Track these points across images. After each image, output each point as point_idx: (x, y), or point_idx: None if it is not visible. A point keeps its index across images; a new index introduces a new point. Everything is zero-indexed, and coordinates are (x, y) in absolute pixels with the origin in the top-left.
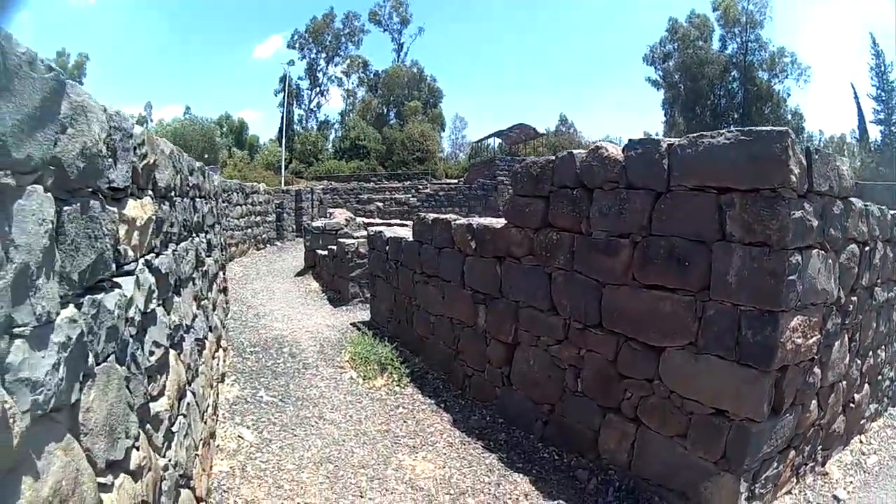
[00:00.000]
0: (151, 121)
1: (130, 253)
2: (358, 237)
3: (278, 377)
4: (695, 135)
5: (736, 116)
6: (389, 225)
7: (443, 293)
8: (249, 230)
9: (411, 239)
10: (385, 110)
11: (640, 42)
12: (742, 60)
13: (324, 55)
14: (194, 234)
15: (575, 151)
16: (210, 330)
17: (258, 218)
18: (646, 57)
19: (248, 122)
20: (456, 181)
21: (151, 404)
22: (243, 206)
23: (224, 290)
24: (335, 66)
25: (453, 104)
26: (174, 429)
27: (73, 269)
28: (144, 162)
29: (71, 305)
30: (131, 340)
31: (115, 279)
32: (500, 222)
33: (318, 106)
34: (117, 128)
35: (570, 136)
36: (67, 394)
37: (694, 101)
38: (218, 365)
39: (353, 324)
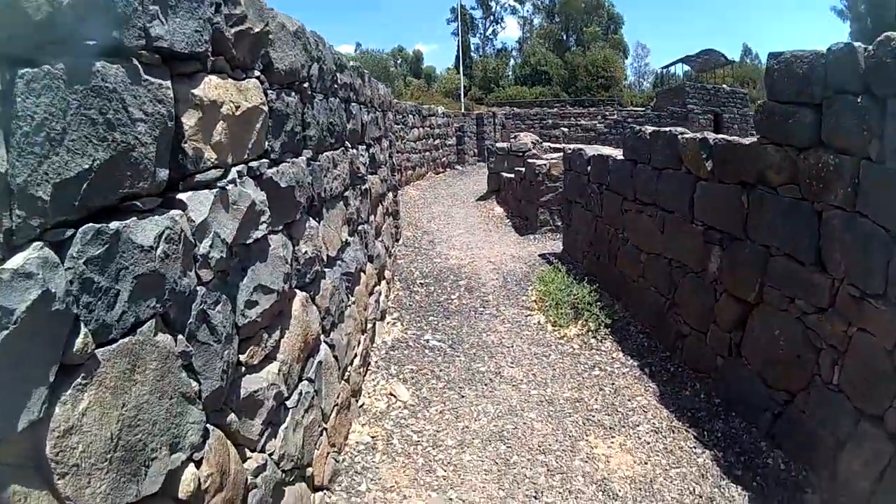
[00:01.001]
0: None
1: (210, 154)
2: (548, 158)
3: (450, 316)
4: None
5: None
6: None
7: (661, 226)
8: (427, 153)
9: (621, 157)
10: (564, 36)
11: None
12: None
13: None
14: (348, 145)
15: (855, 44)
16: (370, 260)
17: (437, 141)
18: None
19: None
20: (643, 108)
21: (244, 380)
22: (420, 129)
23: (394, 214)
24: None
25: (633, 31)
26: (289, 404)
27: (41, 179)
28: (241, 28)
29: (32, 246)
30: (203, 291)
31: (170, 195)
32: (745, 139)
33: (494, 34)
34: None
35: (756, 68)
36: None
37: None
38: (377, 301)
39: (541, 255)
